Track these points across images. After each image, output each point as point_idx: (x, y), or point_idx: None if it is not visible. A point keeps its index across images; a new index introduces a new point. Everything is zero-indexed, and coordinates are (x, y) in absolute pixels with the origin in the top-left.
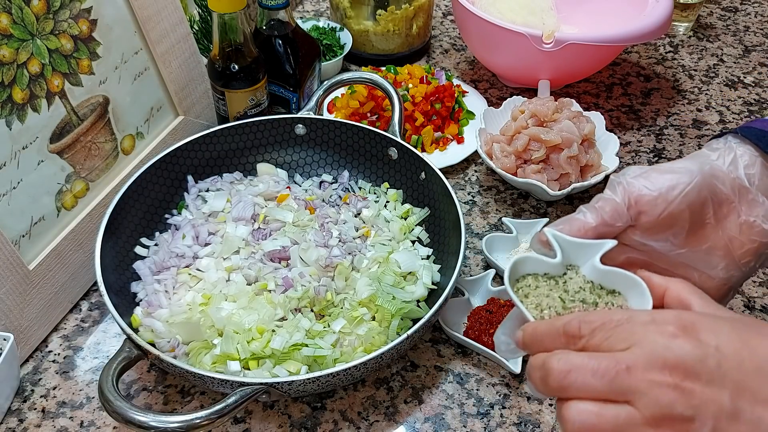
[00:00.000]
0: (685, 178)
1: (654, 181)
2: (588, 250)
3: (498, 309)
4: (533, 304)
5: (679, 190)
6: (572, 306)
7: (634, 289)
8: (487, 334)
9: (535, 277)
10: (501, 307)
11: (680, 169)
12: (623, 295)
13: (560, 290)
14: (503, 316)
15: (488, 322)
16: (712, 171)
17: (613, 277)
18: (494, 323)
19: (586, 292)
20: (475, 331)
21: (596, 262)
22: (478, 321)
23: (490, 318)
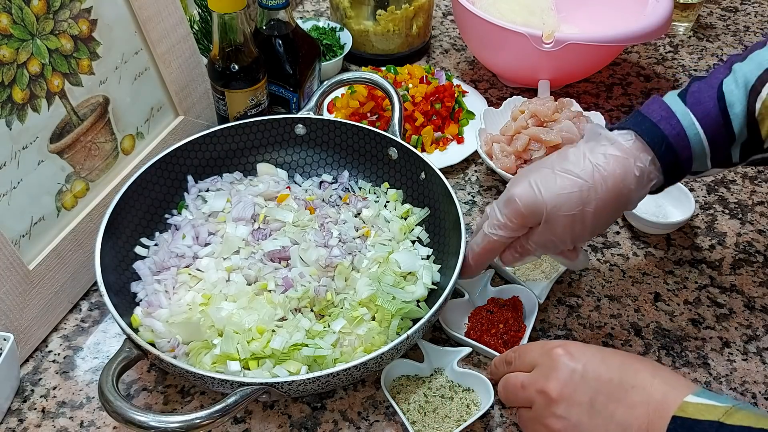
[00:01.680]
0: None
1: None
2: (450, 355)
3: (498, 309)
4: (404, 399)
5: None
6: (433, 400)
7: (483, 385)
8: (489, 334)
9: (407, 377)
10: (501, 308)
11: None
12: (475, 391)
13: (425, 388)
14: (504, 316)
15: (489, 322)
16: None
17: (467, 376)
18: (495, 323)
19: (446, 389)
20: (477, 331)
21: (454, 366)
22: (479, 322)
23: (491, 318)
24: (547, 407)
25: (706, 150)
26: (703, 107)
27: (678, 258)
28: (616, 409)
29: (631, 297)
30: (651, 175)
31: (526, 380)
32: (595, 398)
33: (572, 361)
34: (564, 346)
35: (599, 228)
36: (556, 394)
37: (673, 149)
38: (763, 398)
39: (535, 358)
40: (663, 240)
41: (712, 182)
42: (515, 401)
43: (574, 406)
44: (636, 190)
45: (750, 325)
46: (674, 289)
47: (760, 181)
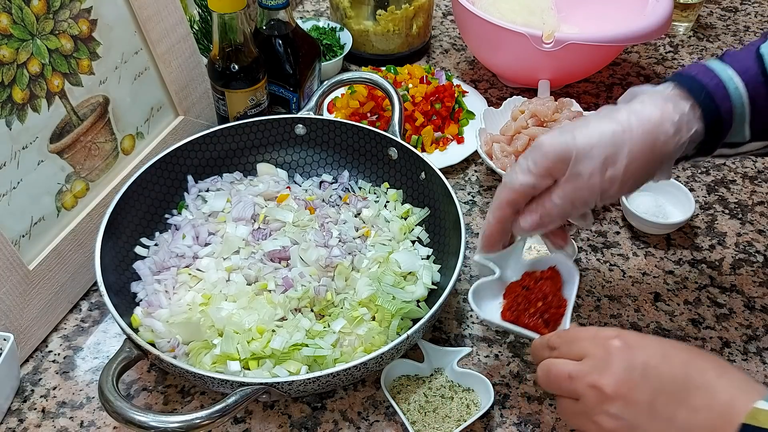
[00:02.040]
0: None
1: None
2: (450, 355)
3: (535, 284)
4: (404, 399)
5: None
6: (433, 400)
7: (483, 385)
8: (527, 314)
9: (407, 377)
10: (538, 282)
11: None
12: (475, 391)
13: (425, 388)
14: (542, 291)
15: (526, 300)
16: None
17: (467, 376)
18: (533, 301)
19: (446, 389)
20: (513, 312)
21: (454, 366)
22: (515, 300)
23: (528, 295)
24: (600, 404)
25: (745, 107)
26: (741, 64)
27: (678, 258)
28: (678, 412)
29: (631, 297)
30: (690, 123)
31: (576, 371)
32: (656, 398)
33: (631, 356)
34: (621, 336)
35: (630, 181)
36: (611, 390)
37: (712, 98)
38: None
39: (585, 347)
40: (663, 240)
41: (712, 182)
42: (558, 391)
43: (632, 405)
44: (674, 137)
45: (750, 325)
46: (674, 289)
47: (760, 181)
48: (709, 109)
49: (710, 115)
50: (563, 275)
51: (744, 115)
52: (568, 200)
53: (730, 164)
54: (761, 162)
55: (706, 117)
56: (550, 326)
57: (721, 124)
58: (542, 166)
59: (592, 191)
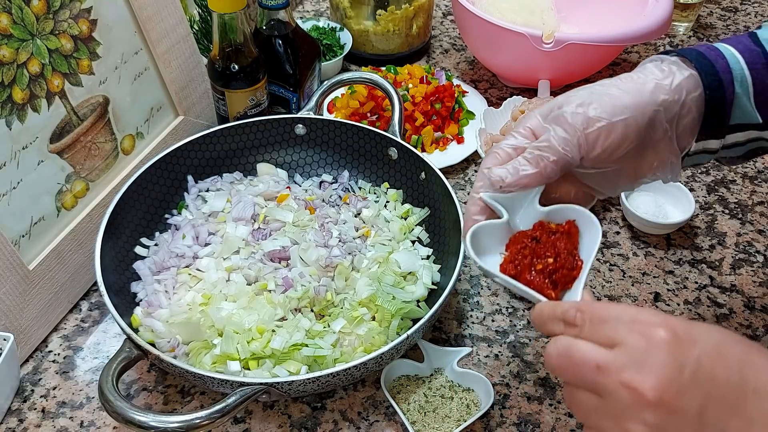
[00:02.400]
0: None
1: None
2: (450, 355)
3: (548, 237)
4: (404, 399)
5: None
6: (433, 400)
7: (483, 385)
8: (533, 270)
9: (407, 377)
10: (552, 235)
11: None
12: (475, 391)
13: (425, 388)
14: (555, 247)
15: (534, 254)
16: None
17: (467, 376)
18: (542, 256)
19: (446, 389)
20: (516, 264)
21: (454, 366)
22: (520, 252)
23: (537, 249)
24: (635, 408)
25: (744, 71)
26: (735, 40)
27: (678, 258)
28: (730, 423)
29: (631, 297)
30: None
31: (607, 362)
32: (706, 407)
33: (681, 352)
34: (668, 324)
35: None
36: (653, 394)
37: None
38: None
39: (620, 332)
40: (663, 240)
41: (712, 182)
42: (577, 380)
43: (677, 414)
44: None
45: (750, 325)
46: (674, 289)
47: (760, 181)
48: (702, 63)
49: (704, 67)
50: (583, 233)
51: (745, 80)
52: (547, 137)
53: None
54: (761, 162)
55: (700, 68)
56: (558, 288)
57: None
58: (525, 124)
59: (574, 123)
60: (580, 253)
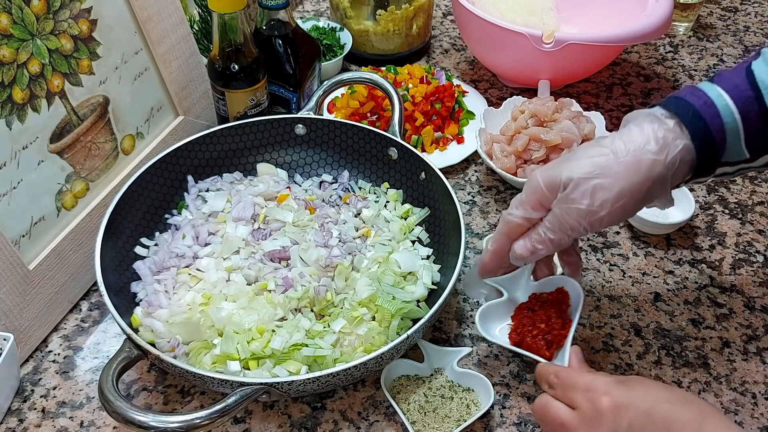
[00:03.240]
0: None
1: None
2: (450, 355)
3: (541, 306)
4: (404, 399)
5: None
6: (433, 400)
7: (483, 385)
8: (531, 336)
9: (407, 377)
10: (545, 303)
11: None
12: (475, 391)
13: (425, 388)
14: (547, 313)
15: (531, 322)
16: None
17: (467, 376)
18: (537, 323)
19: (446, 389)
20: (518, 334)
21: (454, 366)
22: (521, 322)
23: (533, 317)
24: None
25: (738, 122)
26: (730, 82)
27: (678, 258)
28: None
29: (631, 297)
30: (676, 140)
31: (568, 421)
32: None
33: (617, 417)
34: (611, 394)
35: (619, 205)
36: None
37: (701, 117)
38: (763, 398)
39: (578, 399)
40: (663, 240)
41: (712, 182)
42: (547, 429)
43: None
44: (659, 154)
45: (750, 325)
46: (674, 289)
47: (760, 181)
48: (697, 126)
49: (698, 131)
50: (571, 296)
51: (738, 131)
52: (557, 225)
53: None
54: None
55: (695, 134)
56: (552, 347)
57: (713, 142)
58: (533, 198)
59: (579, 215)
60: (569, 313)
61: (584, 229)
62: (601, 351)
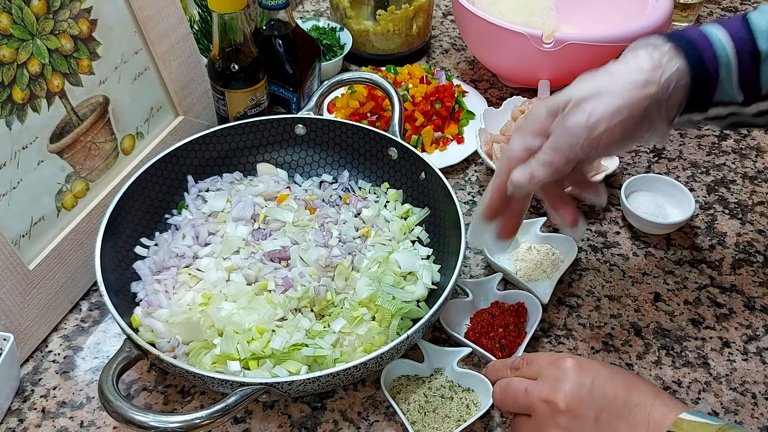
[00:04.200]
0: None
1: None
2: (450, 355)
3: (501, 313)
4: (404, 399)
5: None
6: (433, 400)
7: (483, 385)
8: (487, 337)
9: (407, 377)
10: (504, 312)
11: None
12: (475, 391)
13: (425, 388)
14: (506, 321)
15: (490, 325)
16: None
17: (467, 377)
18: (495, 327)
19: (446, 389)
20: (476, 333)
21: (454, 366)
22: (479, 323)
23: (492, 322)
24: (551, 417)
25: (730, 58)
26: (726, 23)
27: (678, 258)
28: (619, 426)
29: (631, 297)
30: (671, 61)
31: (531, 387)
32: (600, 414)
33: (581, 375)
34: (574, 359)
35: (617, 124)
36: (563, 405)
37: (695, 45)
38: (763, 398)
39: (543, 368)
40: (663, 240)
41: (712, 182)
42: (513, 406)
43: (579, 419)
44: (654, 72)
45: (750, 325)
46: (674, 289)
47: (760, 181)
48: (691, 52)
49: (692, 56)
50: (529, 312)
51: (730, 66)
52: (555, 145)
53: (730, 164)
54: (761, 162)
55: (689, 58)
56: (505, 351)
57: (707, 69)
58: (534, 125)
59: (578, 131)
60: (525, 326)
61: (582, 149)
62: (601, 351)
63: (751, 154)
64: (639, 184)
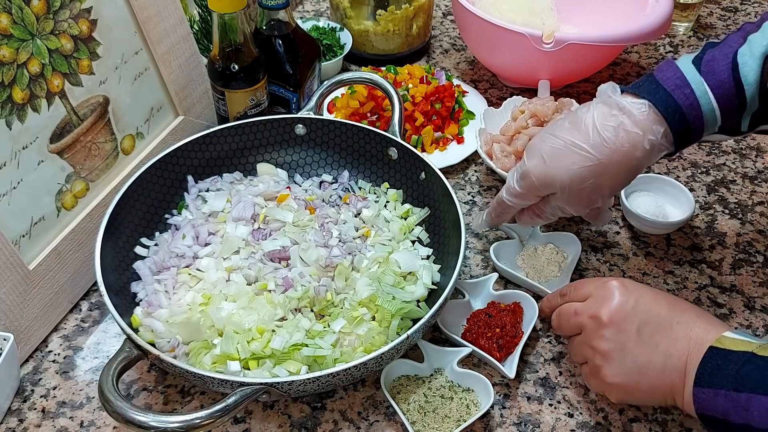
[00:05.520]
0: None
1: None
2: (450, 355)
3: (498, 313)
4: (403, 399)
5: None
6: (433, 400)
7: (483, 385)
8: (485, 337)
9: (407, 377)
10: (501, 312)
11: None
12: (475, 391)
13: (425, 388)
14: (502, 321)
15: (486, 325)
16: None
17: (467, 377)
18: (492, 327)
19: (446, 389)
20: (473, 333)
21: (454, 366)
22: (476, 324)
23: (489, 322)
24: (597, 330)
25: (717, 119)
26: (717, 77)
27: (678, 258)
28: (661, 340)
29: None
30: (661, 147)
31: (580, 307)
32: (642, 328)
33: (626, 293)
34: (620, 280)
35: (614, 192)
36: (606, 319)
37: (686, 120)
38: None
39: (590, 290)
40: (663, 240)
41: (712, 182)
42: (566, 327)
43: (623, 332)
44: (645, 160)
45: (750, 325)
46: (674, 289)
47: (760, 181)
48: (680, 130)
49: (681, 134)
50: (525, 312)
51: (715, 123)
52: (558, 210)
53: (730, 164)
54: (761, 162)
55: (677, 137)
56: (503, 351)
57: (690, 137)
58: (532, 194)
59: (578, 208)
60: (522, 325)
61: (584, 212)
62: None
63: (751, 154)
64: (639, 184)
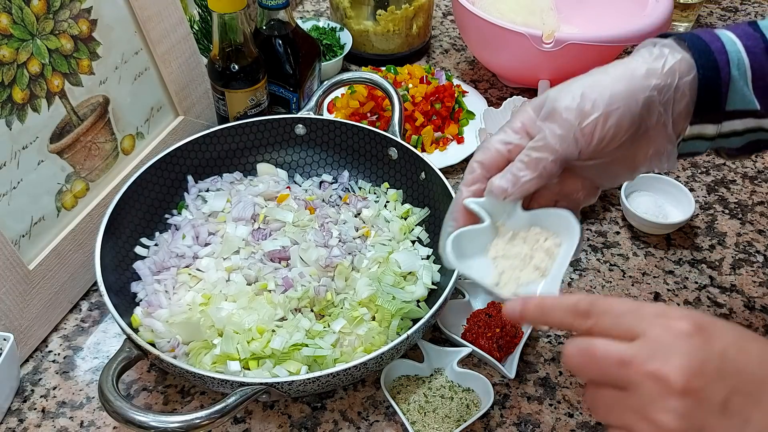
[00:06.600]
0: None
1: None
2: (450, 355)
3: (498, 313)
4: (404, 399)
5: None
6: (433, 400)
7: (483, 385)
8: (485, 337)
9: (407, 377)
10: (501, 312)
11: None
12: (475, 391)
13: (425, 388)
14: (502, 321)
15: (486, 325)
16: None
17: (467, 376)
18: (492, 327)
19: (446, 389)
20: (473, 333)
21: (454, 366)
22: (476, 324)
23: (489, 322)
24: (662, 398)
25: (741, 53)
26: (734, 26)
27: (678, 258)
28: (753, 413)
29: (632, 297)
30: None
31: (630, 356)
32: (731, 398)
33: (707, 344)
34: (689, 318)
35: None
36: (681, 385)
37: (699, 35)
38: None
39: (637, 324)
40: (663, 240)
41: (712, 182)
42: (596, 375)
43: (703, 404)
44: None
45: (750, 325)
46: (674, 289)
47: (760, 181)
48: (697, 42)
49: (699, 47)
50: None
51: (742, 63)
52: (544, 139)
53: (730, 164)
54: (761, 162)
55: (695, 48)
56: (503, 352)
57: (715, 64)
58: (516, 122)
59: (569, 119)
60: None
61: (575, 139)
62: None
63: None
64: (639, 184)
